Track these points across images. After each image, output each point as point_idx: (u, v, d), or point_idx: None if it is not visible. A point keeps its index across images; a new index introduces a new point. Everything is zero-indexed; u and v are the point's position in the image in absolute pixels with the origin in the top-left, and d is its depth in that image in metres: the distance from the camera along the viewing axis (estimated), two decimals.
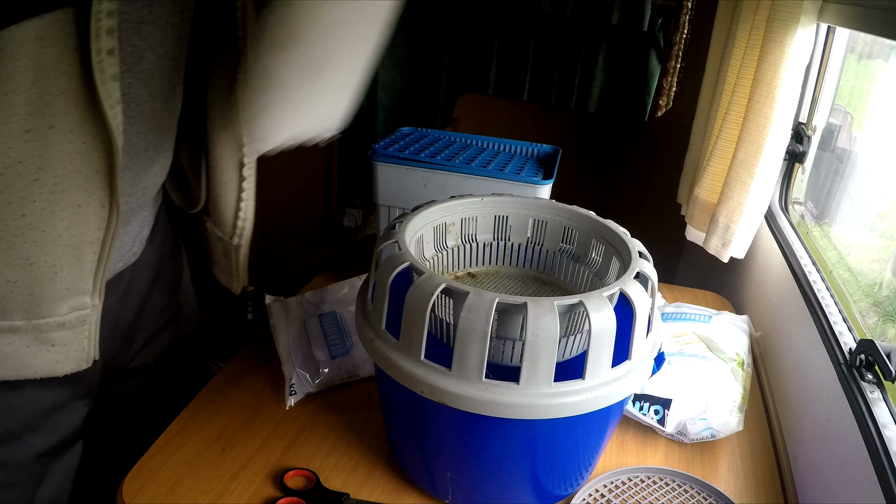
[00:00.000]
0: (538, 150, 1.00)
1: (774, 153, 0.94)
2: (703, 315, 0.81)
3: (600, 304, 0.47)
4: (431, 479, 0.58)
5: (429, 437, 0.55)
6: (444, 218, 0.64)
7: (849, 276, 0.95)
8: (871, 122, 1.12)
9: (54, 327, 0.54)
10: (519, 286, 0.66)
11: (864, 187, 1.05)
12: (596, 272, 0.64)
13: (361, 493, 0.60)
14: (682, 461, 0.67)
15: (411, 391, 0.49)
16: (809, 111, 1.04)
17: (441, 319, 0.54)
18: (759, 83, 0.92)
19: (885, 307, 0.89)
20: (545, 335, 0.45)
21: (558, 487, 0.58)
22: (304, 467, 0.61)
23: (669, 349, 0.74)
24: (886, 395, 0.59)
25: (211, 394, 0.71)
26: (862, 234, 1.06)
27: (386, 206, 0.90)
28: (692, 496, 0.62)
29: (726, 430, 0.66)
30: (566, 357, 0.56)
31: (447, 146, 0.97)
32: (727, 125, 1.02)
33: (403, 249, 0.53)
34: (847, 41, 1.00)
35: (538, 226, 0.67)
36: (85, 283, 0.55)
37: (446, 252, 0.66)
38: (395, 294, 0.51)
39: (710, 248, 1.05)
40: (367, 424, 0.67)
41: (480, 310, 0.46)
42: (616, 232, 0.60)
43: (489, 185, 0.84)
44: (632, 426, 0.70)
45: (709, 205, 1.09)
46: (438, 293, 0.47)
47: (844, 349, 0.66)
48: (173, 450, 0.63)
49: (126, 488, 0.58)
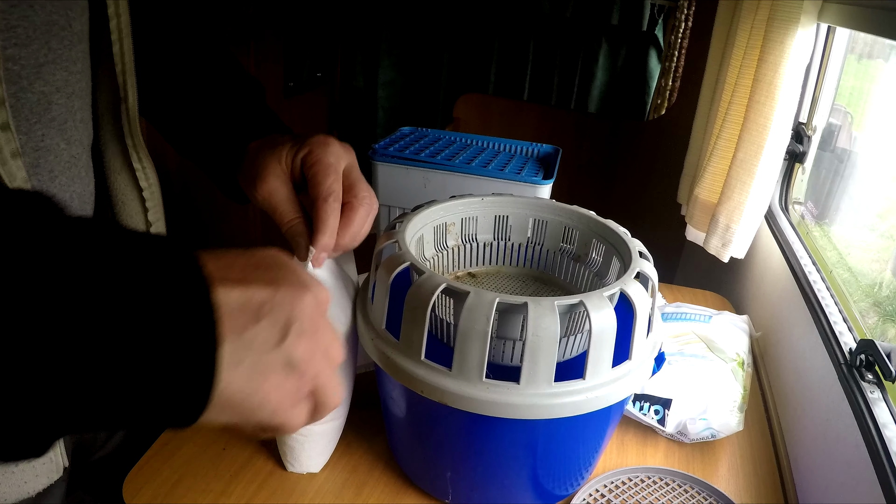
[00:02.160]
0: (538, 150, 1.00)
1: (774, 153, 0.94)
2: (703, 315, 0.81)
3: (601, 303, 0.47)
4: (431, 479, 0.58)
5: (428, 437, 0.55)
6: (444, 218, 0.64)
7: (849, 276, 0.95)
8: (871, 122, 1.12)
9: None
10: (519, 286, 0.66)
11: (864, 187, 1.05)
12: (596, 272, 0.64)
13: (361, 493, 0.60)
14: (682, 461, 0.67)
15: (411, 391, 0.49)
16: (809, 111, 1.04)
17: (441, 319, 0.54)
18: (759, 83, 0.92)
19: (885, 307, 0.89)
20: (546, 335, 0.45)
21: (558, 487, 0.58)
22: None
23: (669, 349, 0.74)
24: (886, 395, 0.59)
25: None
26: (862, 234, 1.06)
27: (386, 205, 0.90)
28: (692, 496, 0.62)
29: (726, 430, 0.66)
30: (566, 357, 0.56)
31: (447, 146, 0.97)
32: (727, 125, 1.02)
33: (404, 249, 0.53)
34: (847, 41, 1.00)
35: (538, 226, 0.67)
36: None
37: (447, 252, 0.66)
38: (396, 294, 0.51)
39: (710, 248, 1.05)
40: (367, 424, 0.67)
41: (481, 310, 0.46)
42: (616, 232, 0.60)
43: (489, 185, 0.84)
44: (632, 426, 0.70)
45: (709, 205, 1.09)
46: (439, 293, 0.47)
47: (844, 349, 0.66)
48: (173, 450, 0.63)
49: (126, 488, 0.58)
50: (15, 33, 0.40)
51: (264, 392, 0.29)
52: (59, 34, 0.44)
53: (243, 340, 0.28)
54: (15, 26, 0.40)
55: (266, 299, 0.29)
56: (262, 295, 0.29)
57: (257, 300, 0.29)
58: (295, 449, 0.60)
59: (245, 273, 0.29)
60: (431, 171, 0.86)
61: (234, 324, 0.27)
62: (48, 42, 0.43)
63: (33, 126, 0.44)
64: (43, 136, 0.45)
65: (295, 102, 2.15)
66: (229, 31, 1.80)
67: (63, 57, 0.45)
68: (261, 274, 0.30)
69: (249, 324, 0.28)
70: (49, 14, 0.43)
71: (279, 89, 2.04)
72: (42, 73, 0.44)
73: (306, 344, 0.30)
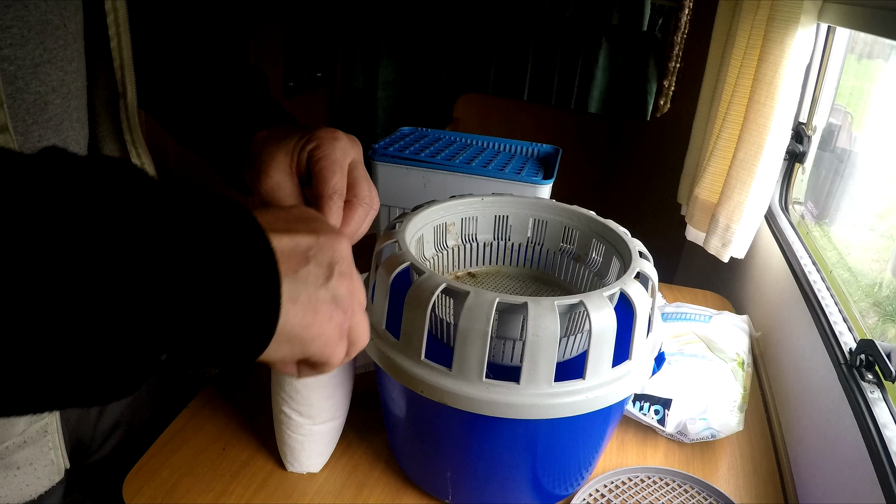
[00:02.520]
0: (538, 150, 1.00)
1: (774, 153, 0.94)
2: (703, 315, 0.81)
3: (601, 303, 0.47)
4: (431, 478, 0.58)
5: (428, 437, 0.55)
6: (444, 218, 0.64)
7: (849, 276, 0.95)
8: (871, 122, 1.12)
9: (15, 449, 0.49)
10: (519, 286, 0.66)
11: (864, 187, 1.05)
12: (596, 272, 0.64)
13: (361, 493, 0.60)
14: (682, 461, 0.67)
15: (411, 391, 0.49)
16: (809, 111, 1.04)
17: (441, 319, 0.54)
18: (759, 83, 0.92)
19: (885, 307, 0.89)
20: (545, 335, 0.45)
21: (558, 487, 0.58)
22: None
23: (669, 349, 0.74)
24: (886, 395, 0.59)
25: (211, 394, 0.71)
26: (862, 234, 1.06)
27: (386, 206, 0.90)
28: (692, 496, 0.62)
29: (726, 430, 0.66)
30: (566, 357, 0.56)
31: (447, 146, 0.97)
32: (727, 125, 1.02)
33: (404, 249, 0.53)
34: (847, 41, 1.00)
35: (538, 226, 0.67)
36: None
37: (447, 252, 0.66)
38: (396, 294, 0.51)
39: (710, 248, 1.05)
40: (367, 424, 0.67)
41: (481, 309, 0.46)
42: (616, 232, 0.60)
43: (489, 185, 0.84)
44: (632, 426, 0.70)
45: (709, 205, 1.09)
46: (439, 293, 0.47)
47: (844, 349, 0.66)
48: (173, 450, 0.63)
49: (126, 488, 0.58)
50: (10, 33, 0.40)
51: (317, 325, 0.32)
52: (54, 33, 0.44)
53: (298, 279, 0.31)
54: (10, 26, 0.40)
55: (311, 244, 0.33)
56: (307, 241, 0.33)
57: (304, 245, 0.32)
58: (295, 449, 0.60)
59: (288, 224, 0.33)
60: (431, 171, 0.86)
61: (288, 265, 0.31)
62: (43, 42, 0.43)
63: (30, 126, 0.44)
64: (40, 137, 0.45)
65: (295, 102, 2.15)
66: (229, 30, 1.80)
67: (59, 56, 0.45)
68: (302, 224, 0.34)
69: (300, 265, 0.32)
70: (43, 13, 0.43)
71: (279, 89, 2.04)
72: (38, 73, 0.43)
73: (346, 283, 0.34)
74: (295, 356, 0.33)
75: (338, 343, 0.35)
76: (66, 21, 0.45)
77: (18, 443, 0.49)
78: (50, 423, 0.52)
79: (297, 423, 0.58)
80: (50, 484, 0.53)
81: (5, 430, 0.48)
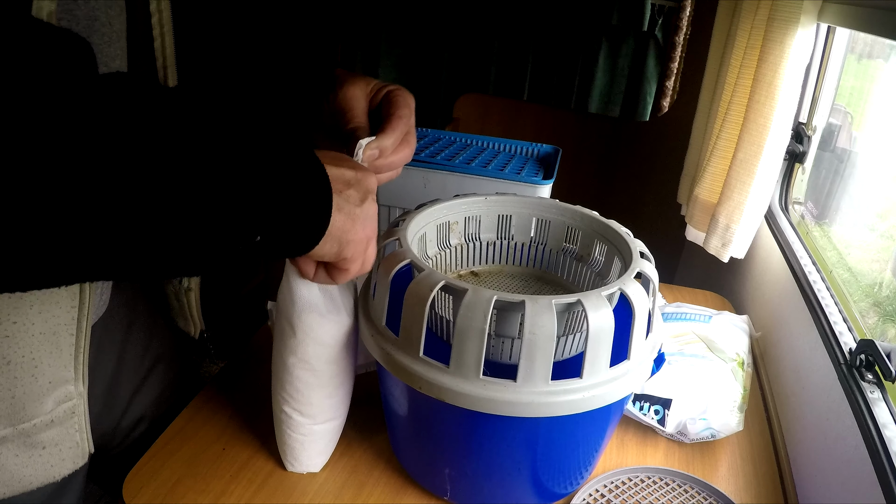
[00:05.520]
0: (538, 150, 1.00)
1: (774, 153, 0.94)
2: (703, 315, 0.81)
3: (598, 303, 0.47)
4: (430, 476, 0.58)
5: (427, 434, 0.55)
6: (447, 216, 0.64)
7: (849, 276, 0.95)
8: (871, 122, 1.12)
9: (42, 427, 0.50)
10: (521, 285, 0.66)
11: (864, 187, 1.05)
12: (598, 272, 0.64)
13: (362, 492, 0.60)
14: (682, 461, 0.67)
15: (410, 387, 0.49)
16: (809, 111, 1.04)
17: (441, 317, 0.54)
18: (759, 83, 0.92)
19: (885, 307, 0.89)
20: (542, 333, 0.45)
21: (557, 486, 0.58)
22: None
23: (669, 349, 0.74)
24: (886, 395, 0.59)
25: (211, 394, 0.71)
26: (862, 234, 1.06)
27: (386, 206, 0.90)
28: (692, 496, 0.62)
29: (726, 430, 0.66)
30: (566, 356, 0.56)
31: (447, 146, 0.97)
32: (727, 125, 1.02)
33: (405, 247, 0.53)
34: (847, 41, 1.00)
35: (541, 225, 0.67)
36: (66, 370, 0.50)
37: (450, 250, 0.66)
38: (397, 291, 0.51)
39: (710, 248, 1.05)
40: (368, 423, 0.67)
41: (478, 307, 0.46)
42: (618, 232, 0.60)
43: (489, 185, 0.84)
44: (632, 426, 0.70)
45: (709, 205, 1.09)
46: (438, 290, 0.47)
47: (844, 349, 0.66)
48: (173, 450, 0.63)
49: (126, 488, 0.58)
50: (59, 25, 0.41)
51: (353, 231, 0.44)
52: (99, 30, 0.45)
53: (342, 197, 0.43)
54: (59, 18, 0.41)
55: (352, 176, 0.45)
56: (349, 173, 0.45)
57: (348, 175, 0.44)
58: (295, 449, 0.59)
59: (334, 160, 0.45)
60: (431, 171, 0.86)
61: (336, 186, 0.43)
62: (90, 37, 0.45)
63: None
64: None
65: None
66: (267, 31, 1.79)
67: (103, 52, 0.46)
68: (345, 163, 0.45)
69: (344, 188, 0.44)
70: (92, 9, 0.44)
71: None
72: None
73: (372, 209, 0.46)
74: (333, 255, 0.45)
75: (362, 253, 0.46)
76: (112, 20, 0.46)
77: (46, 421, 0.50)
78: (77, 404, 0.53)
79: (298, 422, 0.58)
80: (74, 467, 0.54)
81: (33, 407, 0.49)
